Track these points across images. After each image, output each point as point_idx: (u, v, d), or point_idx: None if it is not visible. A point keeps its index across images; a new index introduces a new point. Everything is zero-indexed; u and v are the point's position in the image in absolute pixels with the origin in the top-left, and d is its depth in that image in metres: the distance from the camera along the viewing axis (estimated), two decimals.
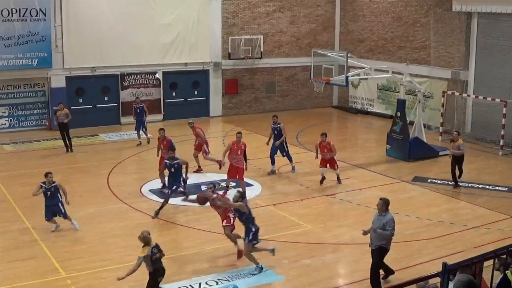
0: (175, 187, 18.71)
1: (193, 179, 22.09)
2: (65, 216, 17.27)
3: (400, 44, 33.82)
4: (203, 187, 21.12)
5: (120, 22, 32.14)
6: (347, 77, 24.89)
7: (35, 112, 31.96)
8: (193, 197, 16.35)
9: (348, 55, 25.72)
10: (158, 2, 32.86)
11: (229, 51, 34.74)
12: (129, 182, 22.19)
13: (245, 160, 20.49)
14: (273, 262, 15.02)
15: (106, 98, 32.90)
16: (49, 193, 17.01)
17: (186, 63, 34.10)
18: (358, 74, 27.06)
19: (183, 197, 18.06)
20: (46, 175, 17.18)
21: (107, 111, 32.15)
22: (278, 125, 23.24)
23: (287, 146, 23.49)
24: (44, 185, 17.06)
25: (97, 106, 32.56)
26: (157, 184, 21.61)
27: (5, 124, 31.26)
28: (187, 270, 14.71)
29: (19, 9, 29.90)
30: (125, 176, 23.27)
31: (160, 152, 21.76)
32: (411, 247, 16.16)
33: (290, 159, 23.46)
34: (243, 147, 20.24)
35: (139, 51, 32.79)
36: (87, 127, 31.15)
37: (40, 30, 30.43)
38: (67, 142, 26.87)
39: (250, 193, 20.42)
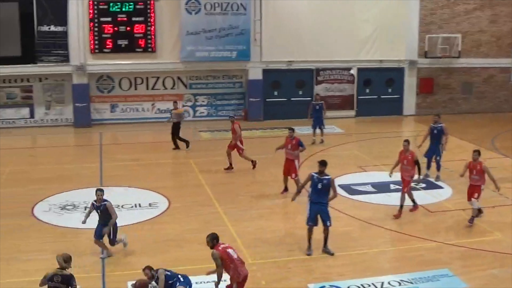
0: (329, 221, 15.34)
1: (378, 177, 21.93)
2: (100, 237, 15.06)
3: None
4: (392, 186, 20.85)
5: (317, 17, 32.54)
6: None
7: (232, 102, 33.26)
8: None
9: None
10: None
11: (426, 49, 34.04)
12: None
13: (419, 170, 18.31)
14: (458, 269, 14.60)
15: (300, 92, 33.48)
16: (99, 211, 15.05)
17: (381, 60, 33.87)
18: None
19: None
20: (96, 192, 15.19)
21: (301, 105, 32.64)
22: (440, 125, 21.76)
23: (442, 151, 21.88)
24: (95, 203, 15.13)
25: (292, 99, 33.20)
26: (346, 179, 21.67)
27: (204, 112, 32.83)
28: (371, 267, 14.65)
29: (221, 3, 31.20)
30: (315, 170, 23.47)
31: (285, 151, 20.50)
32: None
33: (438, 167, 21.87)
34: (409, 157, 18.17)
35: (335, 47, 33.02)
36: (281, 119, 31.91)
37: (240, 24, 31.55)
38: (175, 142, 26.44)
39: (440, 196, 19.97)
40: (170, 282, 12.30)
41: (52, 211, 18.63)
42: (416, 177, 18.55)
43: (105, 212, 14.91)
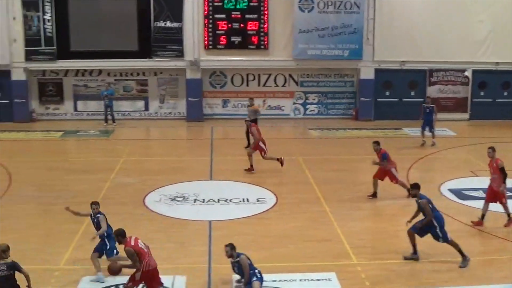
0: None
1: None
2: (103, 254, 14.17)
3: None
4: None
5: (432, 17, 31.89)
6: None
7: (343, 101, 33.13)
8: None
9: None
10: None
11: None
12: (427, 179, 21.93)
13: (504, 179, 16.92)
14: None
15: (412, 93, 32.96)
16: (94, 223, 14.49)
17: (497, 63, 32.81)
18: None
19: None
20: (90, 205, 14.58)
21: (413, 106, 31.97)
22: None
23: None
24: (91, 215, 14.56)
25: (403, 100, 32.73)
26: (457, 184, 21.20)
27: (314, 110, 32.87)
28: (478, 275, 14.21)
29: (335, 2, 31.13)
30: (425, 173, 23.17)
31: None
32: None
33: None
34: (494, 164, 17.10)
35: (449, 48, 32.24)
36: (392, 120, 31.55)
37: (353, 23, 31.37)
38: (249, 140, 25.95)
39: None
40: (250, 271, 12.75)
41: (162, 201, 19.16)
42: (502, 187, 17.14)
43: (99, 224, 14.27)
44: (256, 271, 12.85)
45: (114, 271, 13.06)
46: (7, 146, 26.95)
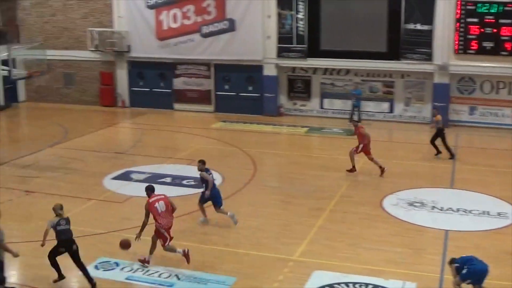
0: None
1: None
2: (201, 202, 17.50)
3: None
4: None
5: None
6: None
7: None
8: None
9: None
10: None
11: None
12: None
13: None
14: None
15: None
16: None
17: None
18: None
19: None
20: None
21: None
22: None
23: None
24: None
25: None
26: None
27: None
28: None
29: None
30: None
31: None
32: None
33: None
34: None
35: None
36: None
37: None
38: (447, 148, 25.04)
39: None
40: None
41: (399, 205, 19.20)
42: None
43: (202, 180, 17.05)
44: (464, 271, 12.43)
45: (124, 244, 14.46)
46: (255, 138, 28.63)
